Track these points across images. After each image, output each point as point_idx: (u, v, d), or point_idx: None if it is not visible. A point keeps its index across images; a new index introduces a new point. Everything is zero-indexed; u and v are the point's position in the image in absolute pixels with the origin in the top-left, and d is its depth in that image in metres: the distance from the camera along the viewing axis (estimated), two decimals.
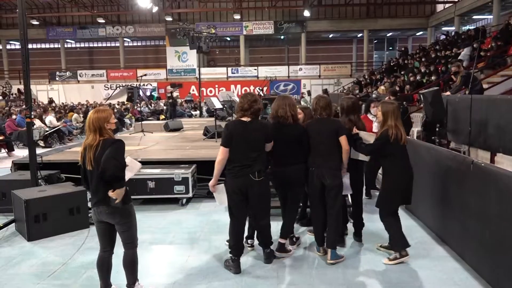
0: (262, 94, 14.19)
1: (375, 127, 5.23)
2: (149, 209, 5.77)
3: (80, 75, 29.11)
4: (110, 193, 2.97)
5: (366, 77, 22.32)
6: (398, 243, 3.98)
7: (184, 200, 5.96)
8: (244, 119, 3.77)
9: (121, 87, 25.67)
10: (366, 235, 4.51)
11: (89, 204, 3.35)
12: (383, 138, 3.92)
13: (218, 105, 9.78)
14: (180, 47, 27.21)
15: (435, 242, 4.41)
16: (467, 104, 6.63)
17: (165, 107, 18.26)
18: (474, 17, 24.94)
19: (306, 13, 25.01)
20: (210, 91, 26.55)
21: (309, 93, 23.02)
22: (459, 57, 14.32)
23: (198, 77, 19.96)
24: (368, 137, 4.18)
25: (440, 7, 26.19)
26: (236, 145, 3.73)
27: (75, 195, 5.03)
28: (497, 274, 3.31)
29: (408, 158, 4.04)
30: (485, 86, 10.11)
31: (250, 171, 3.69)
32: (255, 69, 27.84)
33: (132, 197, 5.75)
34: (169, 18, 27.12)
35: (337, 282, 3.59)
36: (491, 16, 20.24)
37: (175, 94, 15.72)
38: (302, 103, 17.72)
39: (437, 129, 6.71)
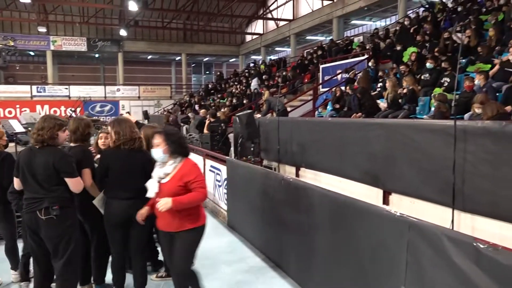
0: (75, 116, 12.94)
1: None
2: None
3: None
4: None
5: (187, 98, 22.91)
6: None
7: None
8: (34, 145, 3.18)
9: None
10: None
11: None
12: None
13: (19, 128, 8.44)
14: None
15: (256, 255, 4.68)
16: (275, 125, 7.42)
17: None
18: (277, 48, 28.61)
19: (123, 33, 24.29)
20: (10, 112, 22.87)
21: (129, 114, 22.19)
22: (252, 86, 16.17)
23: None
24: None
25: (248, 37, 29.12)
26: (23, 176, 3.17)
27: None
28: (314, 281, 3.65)
29: None
30: (288, 109, 11.58)
31: (38, 207, 3.09)
32: (66, 88, 25.28)
33: None
34: None
35: None
36: (290, 49, 23.54)
37: None
38: None
39: (252, 148, 7.26)
